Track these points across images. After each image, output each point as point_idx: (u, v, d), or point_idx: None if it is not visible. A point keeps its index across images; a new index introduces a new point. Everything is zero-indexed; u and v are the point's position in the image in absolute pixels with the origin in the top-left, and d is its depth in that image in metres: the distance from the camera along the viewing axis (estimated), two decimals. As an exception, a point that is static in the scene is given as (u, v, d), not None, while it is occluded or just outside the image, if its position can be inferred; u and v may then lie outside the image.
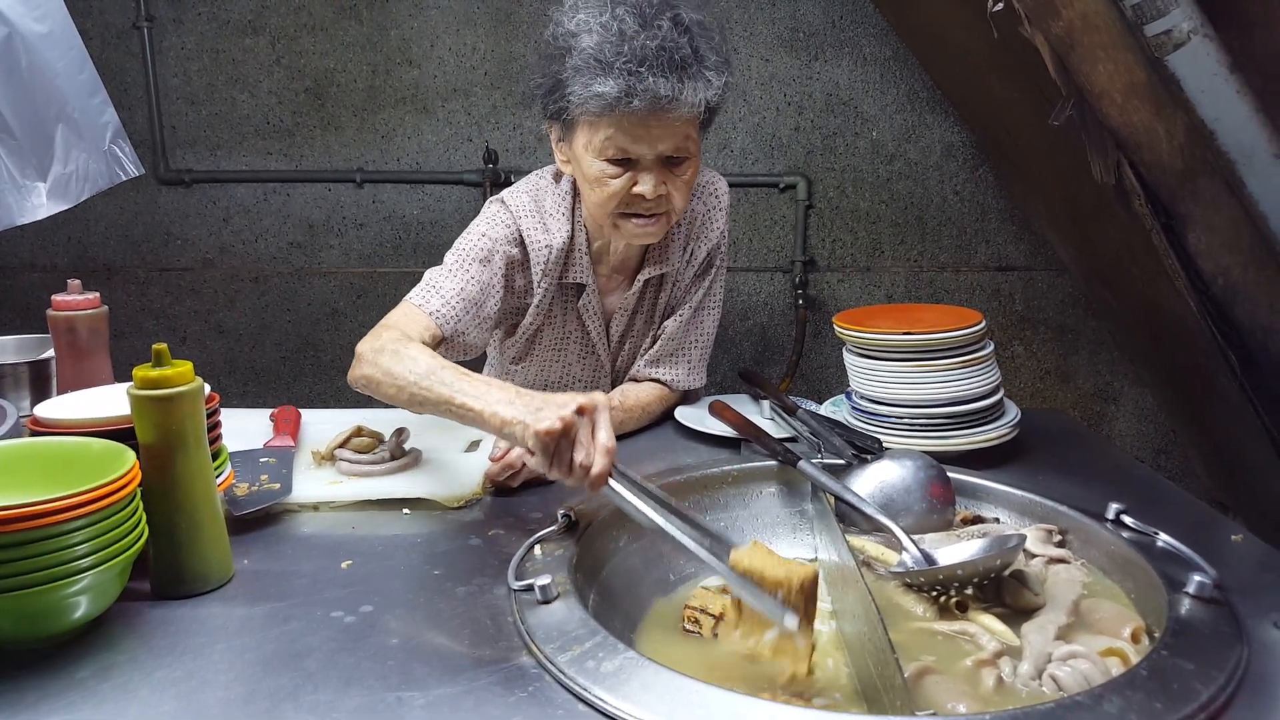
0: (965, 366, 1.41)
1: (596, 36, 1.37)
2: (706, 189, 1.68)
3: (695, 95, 1.38)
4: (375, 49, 2.66)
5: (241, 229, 2.80)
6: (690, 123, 1.43)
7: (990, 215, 2.73)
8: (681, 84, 1.36)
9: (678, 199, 1.49)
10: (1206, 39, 1.34)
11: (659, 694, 0.81)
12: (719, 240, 1.68)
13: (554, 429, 1.04)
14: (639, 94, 1.35)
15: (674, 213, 1.51)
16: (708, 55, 1.41)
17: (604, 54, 1.36)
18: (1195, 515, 1.25)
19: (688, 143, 1.45)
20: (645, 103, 1.36)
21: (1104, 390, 2.85)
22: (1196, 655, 0.85)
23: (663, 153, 1.44)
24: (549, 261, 1.57)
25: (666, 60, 1.35)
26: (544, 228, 1.58)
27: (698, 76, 1.39)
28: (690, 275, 1.68)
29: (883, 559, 1.14)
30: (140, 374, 0.97)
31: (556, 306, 1.65)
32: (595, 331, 1.68)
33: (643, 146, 1.42)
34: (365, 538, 1.18)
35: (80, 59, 1.49)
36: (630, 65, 1.34)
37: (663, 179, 1.45)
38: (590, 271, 1.62)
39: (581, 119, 1.44)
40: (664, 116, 1.39)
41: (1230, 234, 1.55)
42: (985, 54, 2.01)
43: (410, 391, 1.23)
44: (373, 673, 0.86)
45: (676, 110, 1.38)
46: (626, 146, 1.42)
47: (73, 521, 0.87)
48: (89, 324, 1.41)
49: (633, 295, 1.66)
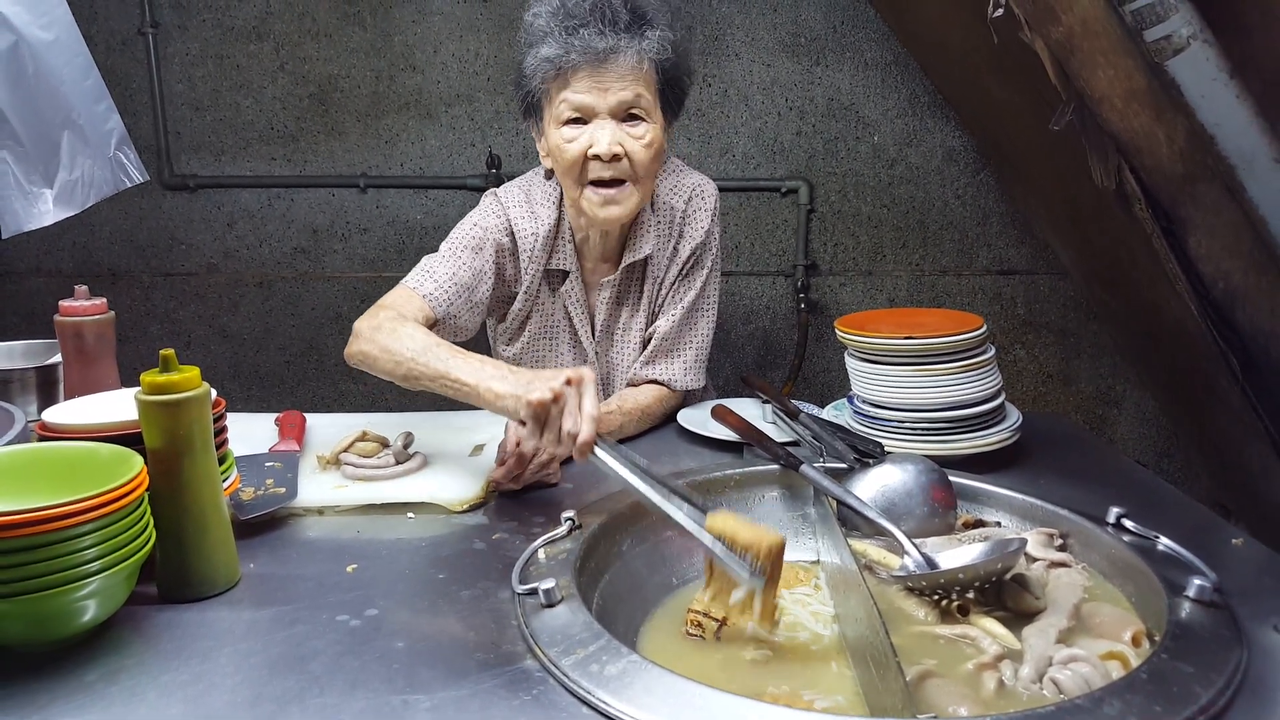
0: (967, 371, 1.42)
1: (545, 14, 1.51)
2: (694, 189, 1.72)
3: (633, 45, 1.49)
4: (379, 55, 2.68)
5: (246, 234, 2.81)
6: (638, 80, 1.52)
7: (991, 219, 2.74)
8: (616, 37, 1.48)
9: (639, 163, 1.54)
10: (1206, 44, 1.35)
11: (662, 697, 0.81)
12: (704, 239, 1.71)
13: (544, 399, 1.14)
14: (575, 49, 1.47)
15: (638, 180, 1.56)
16: (648, 13, 1.52)
17: (547, 24, 1.50)
18: (1196, 519, 1.26)
19: (640, 100, 1.53)
20: (583, 56, 1.48)
21: (1105, 394, 2.85)
22: (1196, 659, 0.86)
23: (612, 105, 1.51)
24: (534, 248, 1.65)
25: (600, 16, 1.47)
26: (532, 216, 1.66)
27: (634, 31, 1.49)
28: (675, 274, 1.71)
29: (884, 563, 1.15)
30: (148, 379, 0.98)
31: (544, 293, 1.72)
32: (578, 318, 1.72)
33: (592, 100, 1.51)
34: (370, 541, 1.19)
35: (86, 66, 1.50)
36: (568, 24, 1.48)
37: (618, 137, 1.52)
38: (574, 260, 1.69)
39: (541, 95, 1.56)
40: (606, 70, 1.49)
41: (1231, 238, 1.55)
42: (985, 59, 2.01)
43: (407, 367, 1.31)
44: (378, 676, 0.87)
45: (615, 61, 1.49)
46: (578, 105, 1.52)
47: (81, 526, 0.88)
48: (96, 329, 1.42)
49: (614, 283, 1.71)
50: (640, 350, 1.76)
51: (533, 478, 1.34)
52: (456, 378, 1.25)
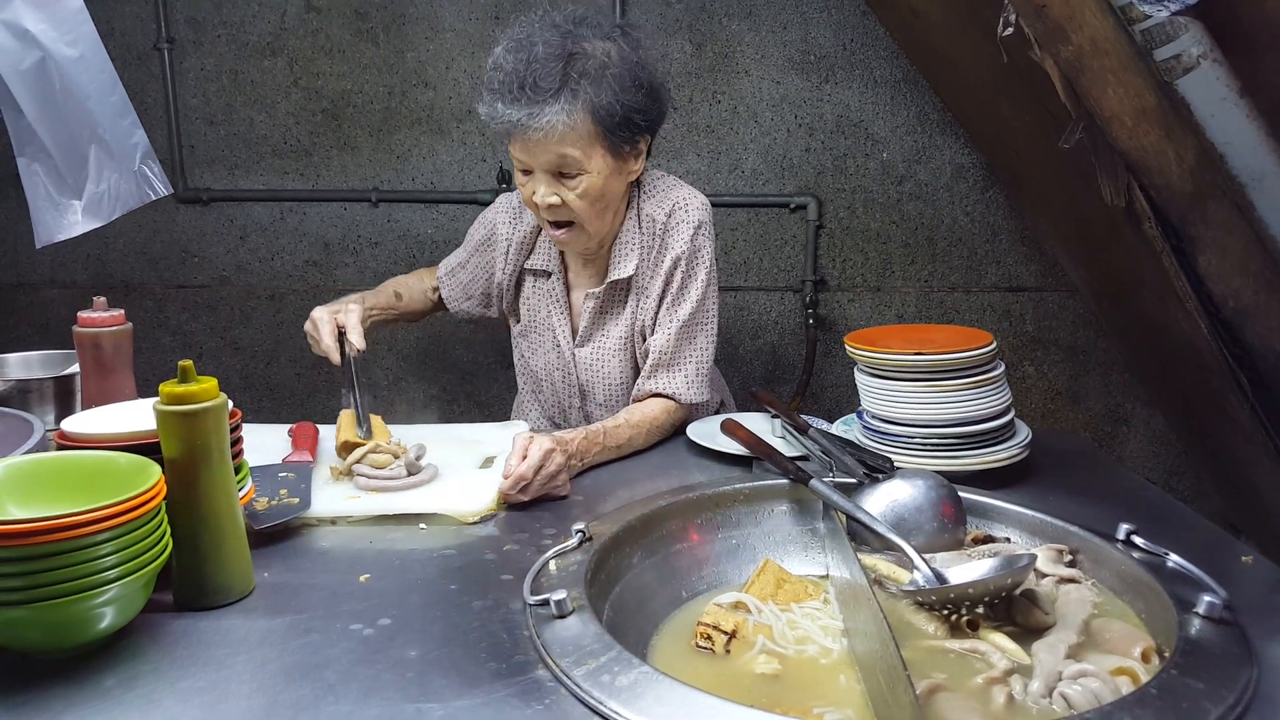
0: (976, 387, 1.42)
1: (488, 69, 1.58)
2: (677, 202, 1.75)
3: (550, 118, 1.51)
4: (392, 71, 2.70)
5: (258, 247, 2.83)
6: (564, 140, 1.55)
7: (1001, 236, 2.75)
8: (534, 106, 1.51)
9: (579, 209, 1.62)
10: (1216, 64, 1.36)
11: (674, 708, 0.82)
12: (685, 251, 1.72)
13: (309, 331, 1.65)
14: (495, 119, 1.55)
15: (584, 224, 1.64)
16: (568, 75, 1.52)
17: (486, 80, 1.57)
18: (1206, 536, 1.26)
19: (564, 159, 1.57)
20: (502, 126, 1.55)
21: (1115, 412, 2.85)
22: (1206, 675, 0.86)
23: (543, 164, 1.59)
24: (510, 249, 1.83)
25: (515, 87, 1.52)
26: (516, 220, 1.83)
27: (547, 101, 1.51)
28: (659, 285, 1.74)
29: (894, 577, 1.15)
30: (166, 390, 0.99)
31: (531, 290, 1.86)
32: (558, 320, 1.81)
33: (526, 157, 1.60)
34: (383, 552, 1.20)
35: (111, 82, 1.53)
36: (489, 93, 1.56)
37: (553, 190, 1.60)
38: (557, 261, 1.81)
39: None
40: (529, 135, 1.55)
41: (1241, 257, 1.56)
42: (995, 77, 2.03)
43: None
44: (392, 684, 0.88)
45: (536, 128, 1.53)
46: (518, 158, 1.62)
47: (100, 534, 0.89)
48: (114, 340, 1.43)
49: (599, 295, 1.77)
50: (620, 360, 1.80)
51: (541, 490, 1.35)
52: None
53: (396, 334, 2.86)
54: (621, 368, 1.81)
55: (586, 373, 1.83)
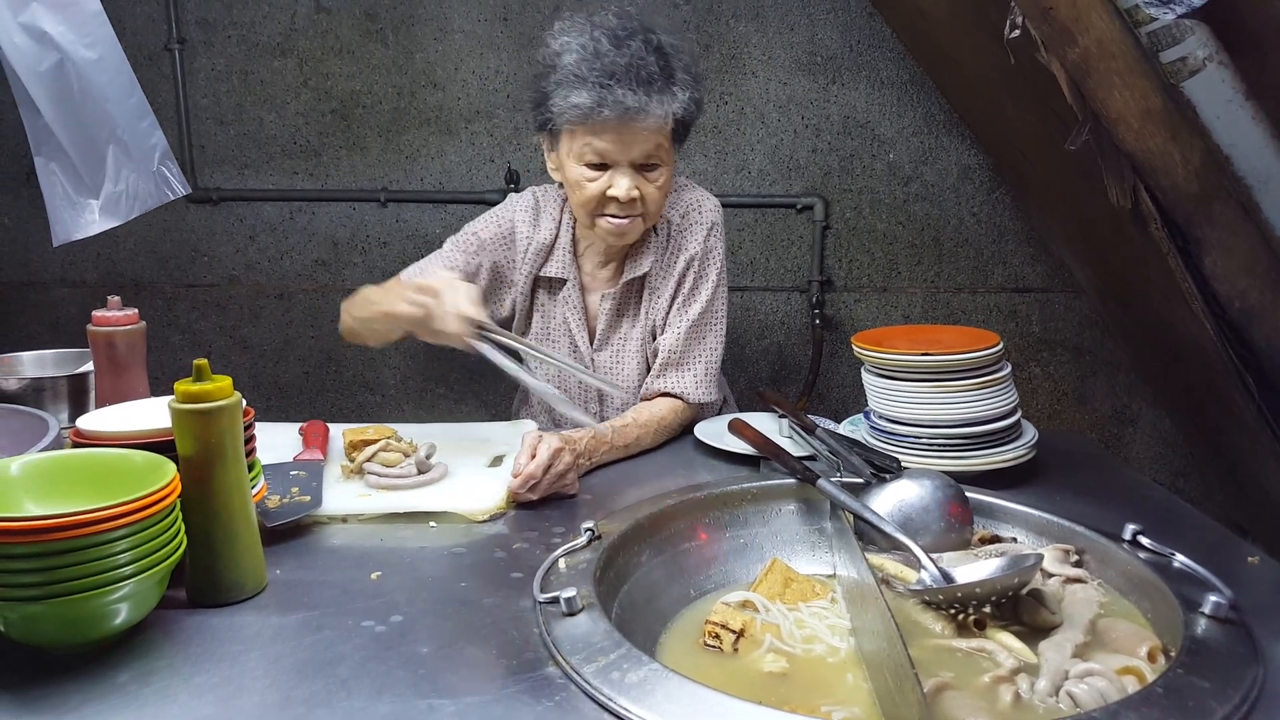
0: (983, 388, 1.43)
1: (576, 54, 1.55)
2: (690, 204, 1.78)
3: (662, 107, 1.55)
4: (401, 72, 2.71)
5: (267, 246, 2.85)
6: (660, 132, 1.58)
7: (1007, 237, 2.75)
8: (648, 97, 1.53)
9: (651, 202, 1.64)
10: (1221, 66, 1.36)
11: (683, 705, 0.83)
12: (699, 252, 1.75)
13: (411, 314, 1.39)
14: (609, 104, 1.52)
15: (648, 216, 1.66)
16: (676, 72, 1.58)
17: (580, 69, 1.53)
18: (1212, 537, 1.26)
19: (659, 151, 1.61)
20: (615, 113, 1.52)
21: (1121, 412, 2.85)
22: (1212, 674, 0.87)
23: (634, 159, 1.59)
24: (529, 252, 1.77)
25: (634, 76, 1.52)
26: (535, 223, 1.78)
27: (663, 91, 1.55)
28: (672, 285, 1.76)
29: (901, 577, 1.16)
30: (181, 388, 1.00)
31: (545, 297, 1.82)
32: (575, 325, 1.79)
33: (615, 152, 1.58)
34: (393, 549, 1.21)
35: (129, 84, 1.55)
36: (602, 79, 1.51)
37: (635, 183, 1.60)
38: (573, 267, 1.78)
39: (564, 128, 1.61)
40: (633, 125, 1.55)
41: (1246, 258, 1.56)
42: (1001, 78, 2.03)
43: (361, 319, 1.54)
44: (404, 680, 0.89)
45: (644, 120, 1.54)
46: (601, 152, 1.58)
47: (115, 531, 0.90)
48: (128, 339, 1.44)
49: (615, 296, 1.77)
50: (638, 361, 1.80)
51: (550, 489, 1.36)
52: (384, 311, 1.46)
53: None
54: (639, 370, 1.81)
55: (607, 375, 1.82)
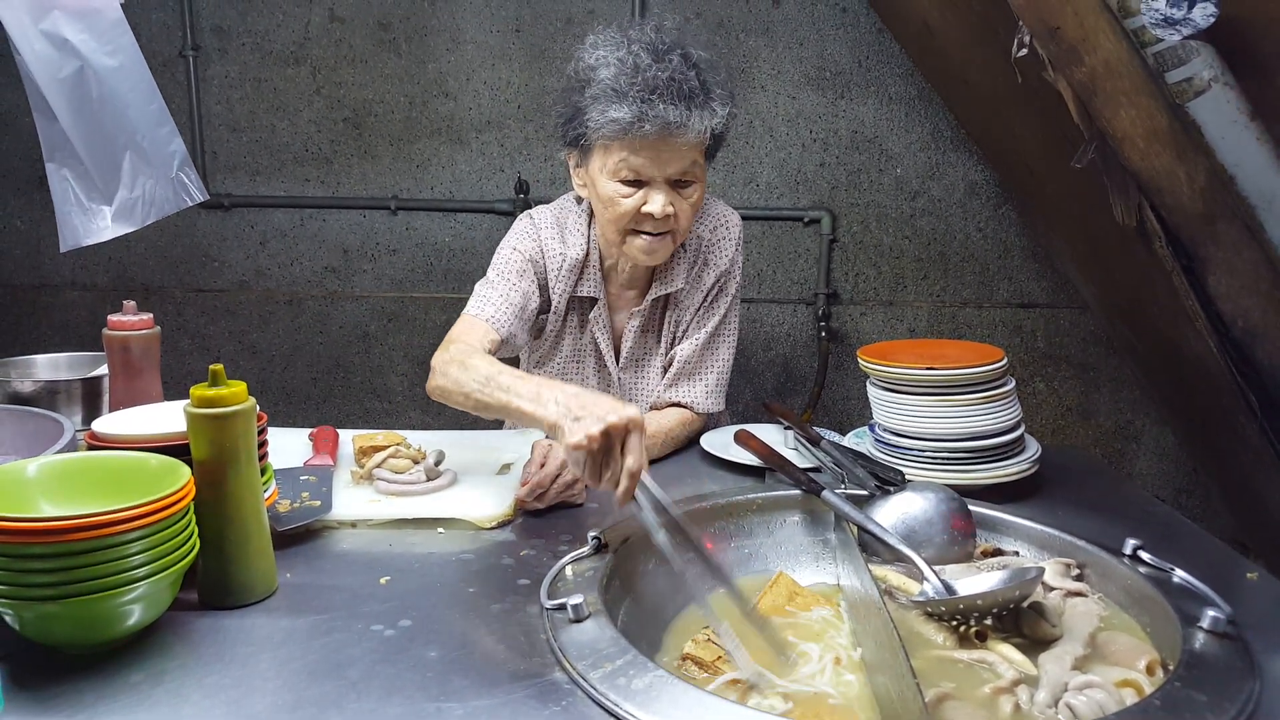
0: (987, 402, 1.44)
1: (614, 69, 1.52)
2: (718, 219, 1.78)
3: (701, 123, 1.53)
4: (413, 81, 2.74)
5: (278, 253, 2.87)
6: (697, 148, 1.57)
7: (1013, 252, 2.76)
8: (689, 111, 1.51)
9: (684, 219, 1.61)
10: (1227, 87, 1.37)
11: (689, 711, 0.84)
12: (728, 267, 1.76)
13: (581, 444, 1.14)
14: (650, 119, 1.48)
15: (679, 233, 1.64)
16: (713, 88, 1.56)
17: (619, 84, 1.50)
18: (1212, 553, 1.27)
19: (694, 167, 1.58)
20: (656, 127, 1.49)
21: (1125, 428, 2.86)
22: (1209, 688, 0.88)
23: (671, 175, 1.56)
24: (562, 269, 1.71)
25: (675, 90, 1.49)
26: (562, 240, 1.72)
27: (704, 106, 1.53)
28: (698, 300, 1.76)
29: (904, 588, 1.17)
30: (197, 393, 1.02)
31: (574, 317, 1.78)
32: (604, 344, 1.77)
33: (652, 169, 1.55)
34: (402, 555, 1.22)
35: (149, 91, 1.57)
36: (643, 93, 1.48)
37: (670, 200, 1.57)
38: (601, 287, 1.75)
39: (598, 143, 1.57)
40: (672, 141, 1.52)
41: (1250, 277, 1.57)
42: (1008, 95, 2.05)
43: (475, 398, 1.37)
44: (413, 683, 0.90)
45: (684, 135, 1.52)
46: (638, 168, 1.55)
47: (130, 533, 0.91)
48: (142, 344, 1.46)
49: (642, 313, 1.76)
50: (659, 377, 1.80)
51: (558, 497, 1.37)
52: (518, 407, 1.28)
53: (411, 340, 2.90)
54: (659, 386, 1.80)
55: (631, 393, 1.82)
